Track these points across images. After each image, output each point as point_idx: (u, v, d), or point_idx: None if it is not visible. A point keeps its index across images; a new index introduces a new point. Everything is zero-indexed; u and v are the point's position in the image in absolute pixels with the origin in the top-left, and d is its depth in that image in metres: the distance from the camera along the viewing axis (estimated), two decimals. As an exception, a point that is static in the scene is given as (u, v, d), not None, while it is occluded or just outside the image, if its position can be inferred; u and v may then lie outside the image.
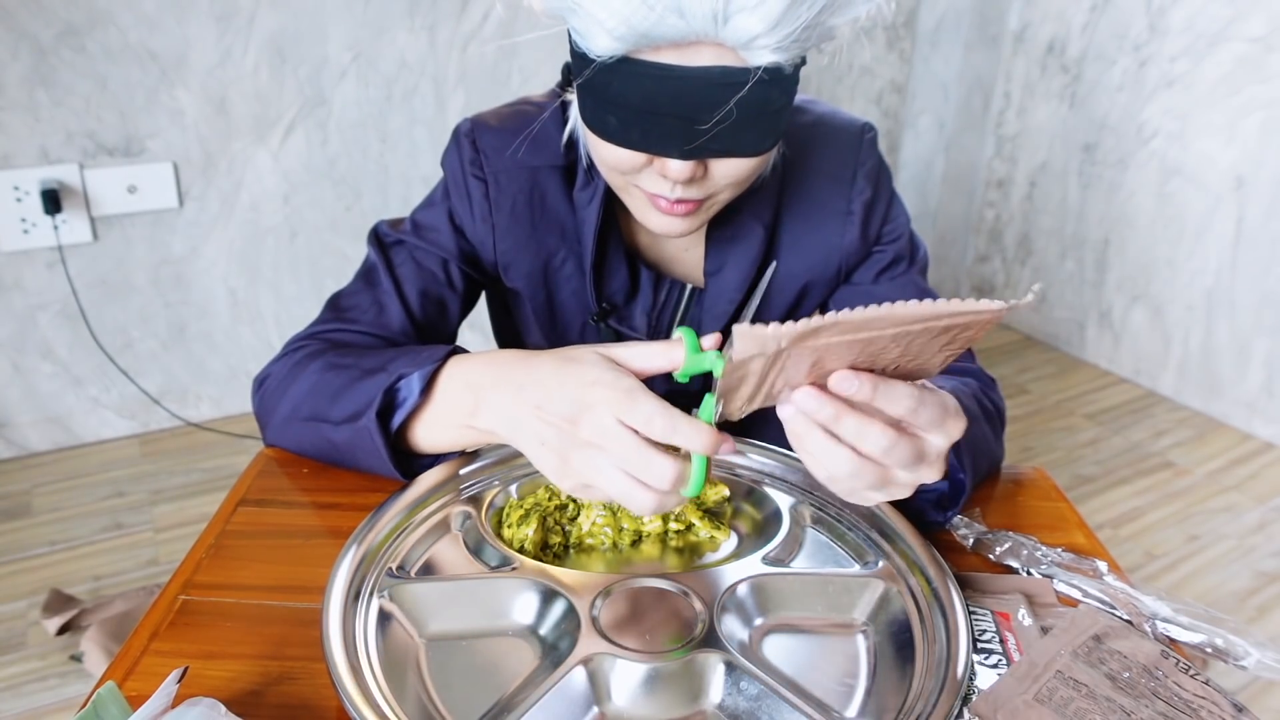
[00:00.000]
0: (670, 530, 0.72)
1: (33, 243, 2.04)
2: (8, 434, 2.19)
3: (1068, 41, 2.76)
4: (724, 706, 0.57)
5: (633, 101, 0.67)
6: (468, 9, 2.26)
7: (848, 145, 0.90)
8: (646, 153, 0.71)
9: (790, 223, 0.91)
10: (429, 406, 0.73)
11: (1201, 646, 0.62)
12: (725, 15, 0.61)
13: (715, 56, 0.64)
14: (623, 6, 0.61)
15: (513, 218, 0.88)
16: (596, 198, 0.85)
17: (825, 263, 0.92)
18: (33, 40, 1.91)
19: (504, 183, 0.87)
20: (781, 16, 0.61)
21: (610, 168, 0.76)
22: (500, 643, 0.62)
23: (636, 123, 0.68)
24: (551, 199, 0.88)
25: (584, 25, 0.65)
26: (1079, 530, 0.76)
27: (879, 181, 0.91)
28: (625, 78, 0.66)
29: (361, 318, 0.86)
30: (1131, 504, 2.22)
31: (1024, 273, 3.08)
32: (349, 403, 0.76)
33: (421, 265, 0.89)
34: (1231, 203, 2.45)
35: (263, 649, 0.61)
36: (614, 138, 0.71)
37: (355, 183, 2.33)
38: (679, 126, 0.67)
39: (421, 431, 0.75)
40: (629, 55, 0.65)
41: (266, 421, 0.84)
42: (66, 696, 1.56)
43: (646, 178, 0.74)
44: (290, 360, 0.83)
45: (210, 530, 0.73)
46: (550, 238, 0.89)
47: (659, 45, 0.64)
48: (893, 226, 0.93)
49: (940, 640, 0.60)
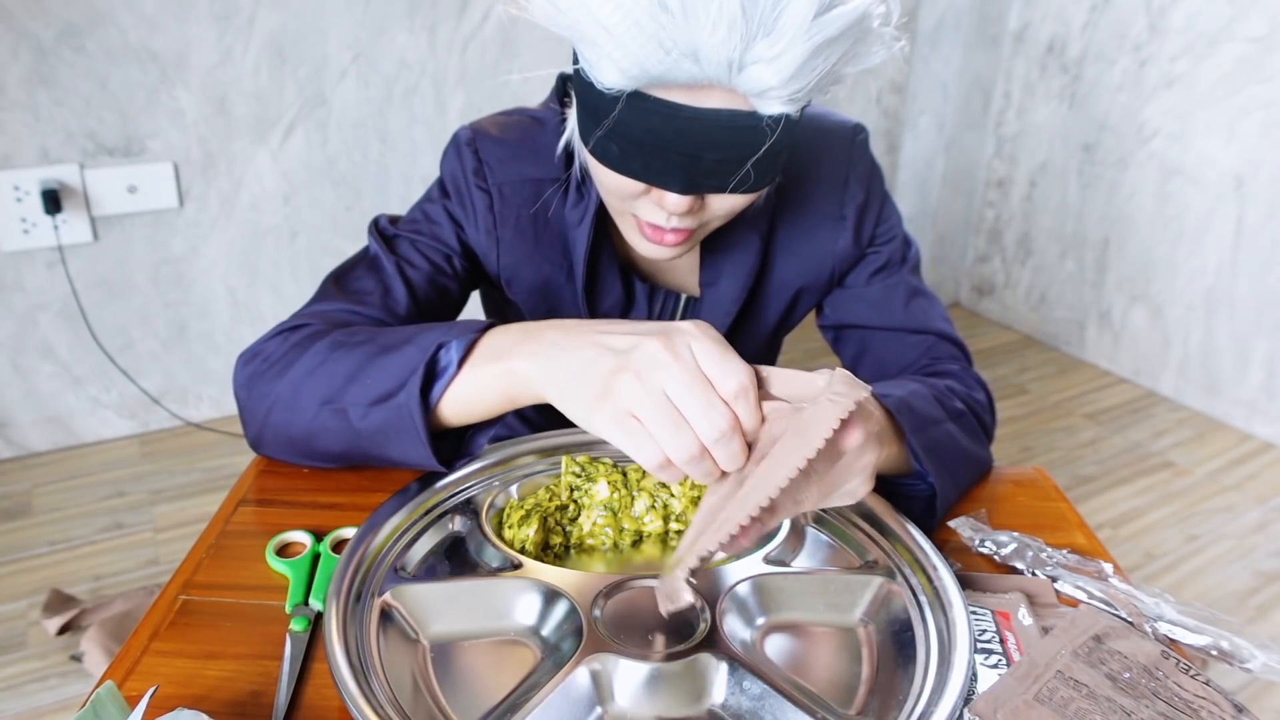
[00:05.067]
0: (671, 530, 0.72)
1: (33, 243, 2.04)
2: (8, 434, 2.18)
3: (1068, 41, 2.76)
4: (726, 706, 0.57)
5: (637, 134, 0.66)
6: (468, 9, 2.26)
7: (839, 149, 0.90)
8: (646, 183, 0.70)
9: (784, 229, 0.90)
10: (462, 374, 0.67)
11: (1207, 649, 0.62)
12: (741, 65, 0.60)
13: (725, 100, 0.63)
14: (638, 49, 0.60)
15: (517, 232, 0.87)
16: (588, 217, 0.84)
17: (819, 269, 0.92)
18: (33, 40, 1.91)
19: (508, 195, 0.86)
20: (797, 70, 0.60)
21: (608, 191, 0.75)
22: (502, 644, 0.62)
23: (639, 154, 0.68)
24: (553, 213, 0.87)
25: (594, 56, 0.63)
26: (1079, 531, 0.76)
27: (870, 184, 0.91)
28: (632, 111, 0.65)
29: (368, 299, 0.82)
30: (1131, 504, 2.22)
31: (1024, 273, 3.08)
32: (376, 381, 0.69)
33: (426, 255, 0.87)
34: (1231, 203, 2.45)
35: (263, 649, 0.61)
36: (614, 165, 0.70)
37: (355, 183, 2.33)
38: (681, 162, 0.67)
39: (453, 402, 0.68)
40: (638, 90, 0.65)
41: (256, 409, 0.76)
42: (66, 696, 1.56)
43: (642, 205, 0.73)
44: (289, 339, 0.76)
45: (210, 530, 0.73)
46: (552, 252, 0.88)
47: (670, 86, 0.63)
48: (886, 228, 0.93)
49: (941, 640, 0.60)
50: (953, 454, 0.77)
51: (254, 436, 0.78)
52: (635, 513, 0.72)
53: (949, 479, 0.74)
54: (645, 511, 0.72)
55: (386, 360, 0.69)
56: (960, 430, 0.80)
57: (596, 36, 0.61)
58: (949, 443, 0.77)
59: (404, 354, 0.68)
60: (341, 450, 0.74)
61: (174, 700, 0.57)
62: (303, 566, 0.68)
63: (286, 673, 0.59)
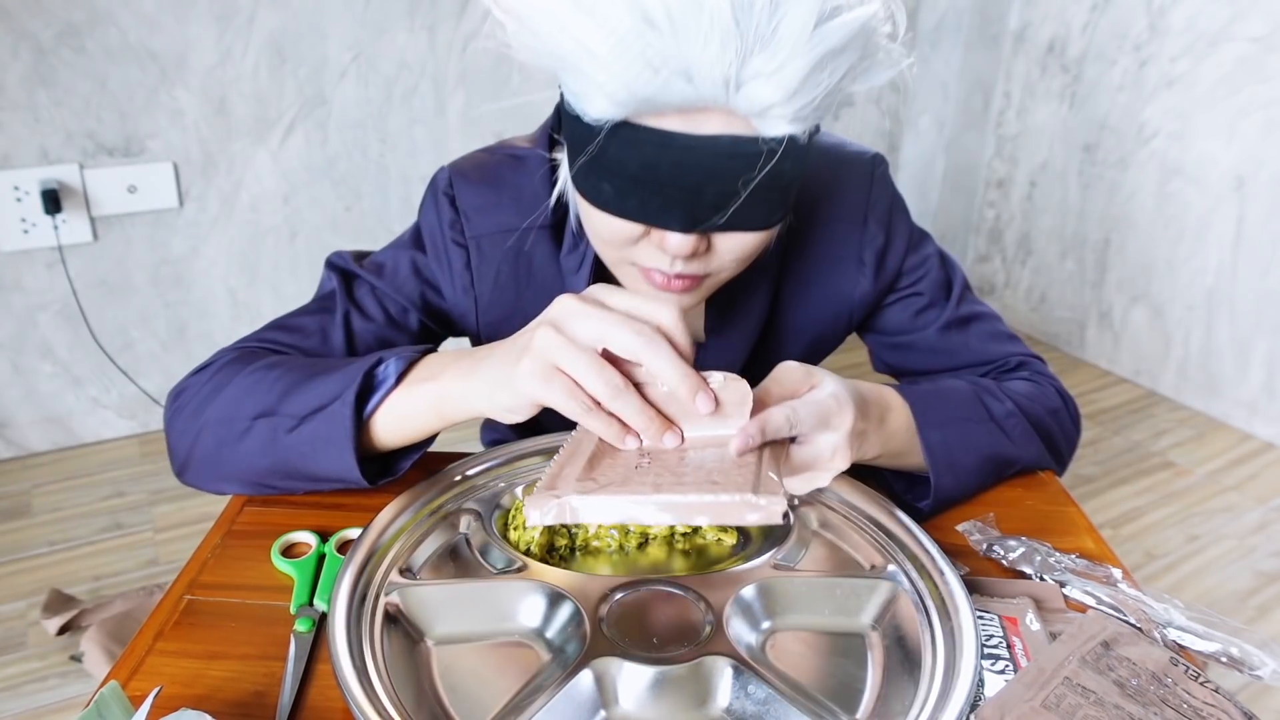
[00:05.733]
0: (677, 533, 0.72)
1: (33, 243, 2.04)
2: (8, 434, 2.18)
3: (1068, 41, 2.76)
4: (732, 710, 0.57)
5: (630, 169, 0.62)
6: (468, 9, 2.26)
7: (858, 185, 0.83)
8: (644, 224, 0.65)
9: (796, 275, 0.83)
10: (396, 393, 0.67)
11: (1216, 655, 0.62)
12: (738, 82, 0.56)
13: (724, 125, 0.59)
14: (624, 70, 0.56)
15: (496, 287, 0.81)
16: (585, 265, 0.79)
17: (835, 316, 0.86)
18: (33, 40, 1.91)
19: (486, 249, 0.80)
20: (800, 85, 0.56)
21: (603, 241, 0.69)
22: (507, 646, 0.62)
23: (634, 191, 0.63)
24: (539, 262, 0.81)
25: (579, 86, 0.59)
26: (1088, 535, 0.76)
27: (892, 223, 0.84)
28: (623, 144, 0.61)
29: (304, 341, 0.79)
30: (1131, 504, 2.22)
31: (1024, 273, 3.08)
32: (314, 395, 0.68)
33: (383, 305, 0.82)
34: (1231, 203, 2.45)
35: (268, 650, 0.61)
36: (609, 206, 0.65)
37: (355, 183, 2.32)
38: (681, 197, 0.62)
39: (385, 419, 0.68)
40: (629, 120, 0.60)
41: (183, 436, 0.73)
42: (66, 696, 1.56)
43: (643, 251, 0.67)
44: (215, 368, 0.74)
45: (216, 530, 0.73)
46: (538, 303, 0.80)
47: (663, 111, 0.59)
48: (916, 261, 0.86)
49: (947, 645, 0.60)
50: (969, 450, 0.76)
51: (179, 465, 0.75)
52: None
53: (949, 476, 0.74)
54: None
55: (325, 378, 0.69)
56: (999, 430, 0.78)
57: (580, 62, 0.57)
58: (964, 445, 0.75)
59: (343, 371, 0.69)
60: (267, 465, 0.71)
61: (177, 700, 0.57)
62: (307, 567, 0.68)
63: (290, 673, 0.59)
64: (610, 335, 0.57)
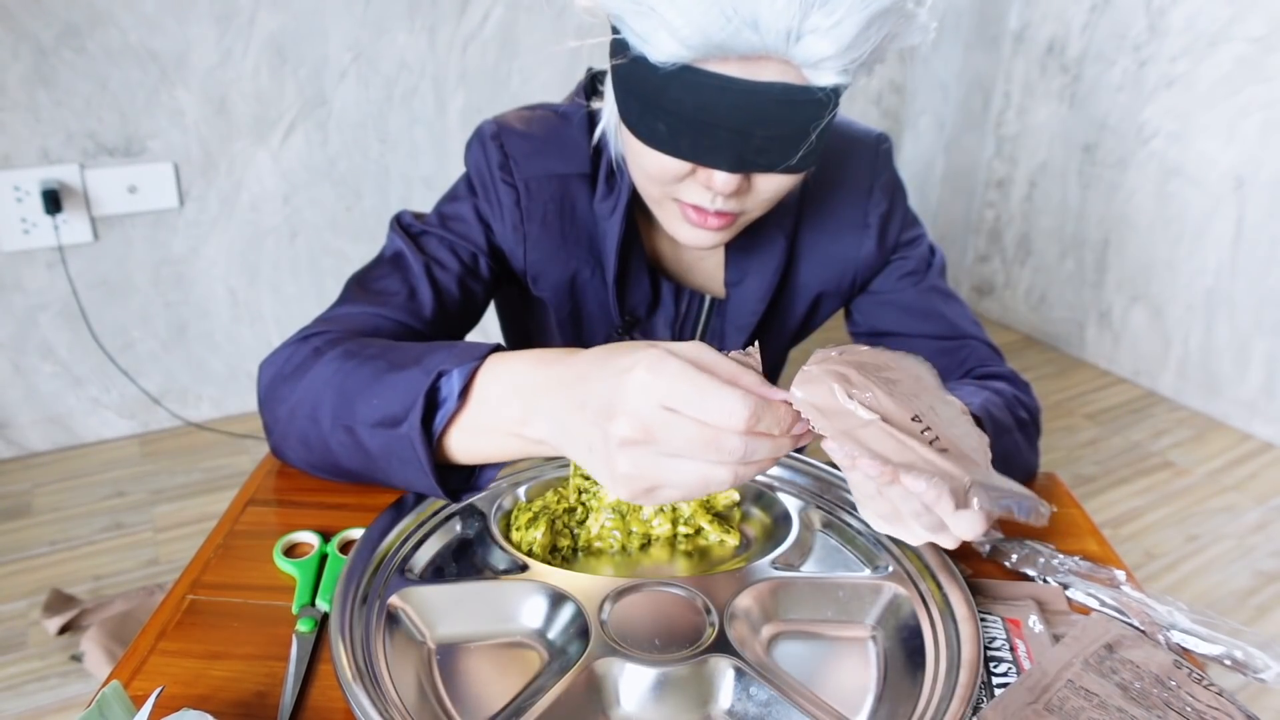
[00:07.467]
0: (679, 534, 0.72)
1: (33, 243, 2.03)
2: (8, 434, 2.18)
3: (1068, 41, 2.76)
4: (733, 712, 0.57)
5: (686, 110, 0.66)
6: (468, 9, 2.26)
7: (865, 157, 0.91)
8: (695, 163, 0.69)
9: (809, 234, 0.90)
10: (467, 410, 0.64)
11: (1220, 658, 0.62)
12: (799, 34, 0.60)
13: (779, 73, 0.63)
14: (701, 16, 0.60)
15: (544, 228, 0.86)
16: (619, 209, 0.84)
17: (840, 275, 0.93)
18: (33, 40, 1.91)
19: (535, 191, 0.85)
20: (853, 40, 0.61)
21: (651, 177, 0.74)
22: (508, 646, 0.62)
23: (687, 132, 0.67)
24: (580, 208, 0.86)
25: (648, 29, 0.63)
26: (1092, 537, 0.76)
27: (894, 194, 0.92)
28: (684, 86, 0.65)
29: (392, 300, 0.80)
30: (1131, 504, 2.22)
31: (1024, 273, 3.08)
32: (382, 402, 0.66)
33: (457, 254, 0.85)
34: (1231, 203, 2.45)
35: (270, 650, 0.61)
36: (662, 146, 0.69)
37: (355, 183, 2.32)
38: (731, 139, 0.66)
39: (460, 439, 0.65)
40: (691, 64, 0.64)
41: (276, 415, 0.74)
42: (66, 696, 1.56)
43: (687, 187, 0.72)
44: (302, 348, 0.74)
45: (219, 530, 0.73)
46: (579, 249, 0.87)
47: (727, 57, 0.63)
48: (911, 234, 0.94)
49: (950, 647, 0.60)
50: (1016, 465, 0.78)
51: (275, 444, 0.76)
52: (644, 516, 0.72)
53: None
54: (654, 515, 0.72)
55: (392, 379, 0.66)
56: (1024, 439, 0.81)
57: (657, 4, 0.61)
58: (1014, 453, 0.78)
59: (409, 376, 0.65)
60: (356, 468, 0.71)
61: (179, 700, 0.57)
62: (310, 567, 0.68)
63: (292, 674, 0.58)
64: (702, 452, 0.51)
